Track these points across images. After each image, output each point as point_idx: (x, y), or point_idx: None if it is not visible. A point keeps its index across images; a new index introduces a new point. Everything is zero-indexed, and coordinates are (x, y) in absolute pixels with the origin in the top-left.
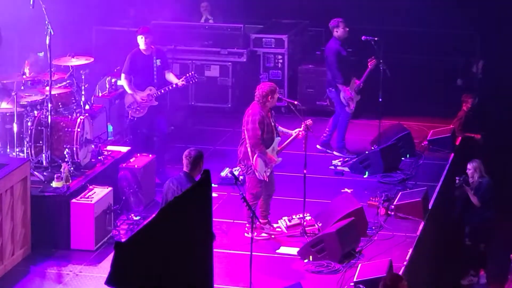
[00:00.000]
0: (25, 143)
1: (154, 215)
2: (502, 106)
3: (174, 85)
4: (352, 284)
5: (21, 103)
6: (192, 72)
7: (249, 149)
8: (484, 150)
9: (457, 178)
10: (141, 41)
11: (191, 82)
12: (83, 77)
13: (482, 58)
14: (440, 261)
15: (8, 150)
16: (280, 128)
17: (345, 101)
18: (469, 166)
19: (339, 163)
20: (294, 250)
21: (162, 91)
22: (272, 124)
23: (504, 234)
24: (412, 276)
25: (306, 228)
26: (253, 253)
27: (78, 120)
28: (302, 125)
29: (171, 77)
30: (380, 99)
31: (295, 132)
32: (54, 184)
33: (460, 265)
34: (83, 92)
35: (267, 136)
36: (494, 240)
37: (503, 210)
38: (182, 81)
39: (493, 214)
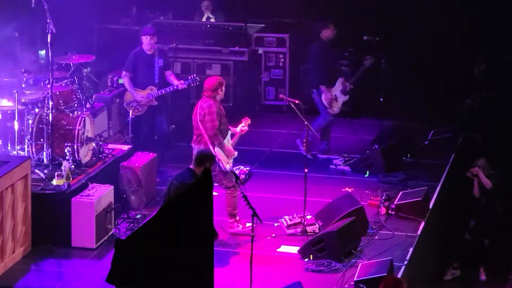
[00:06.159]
0: (26, 141)
1: (154, 214)
2: (503, 105)
3: (175, 87)
4: (353, 283)
5: (22, 100)
6: (194, 75)
7: (209, 143)
8: (484, 149)
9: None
10: (145, 41)
11: (192, 85)
12: (84, 75)
13: (483, 58)
14: (441, 260)
15: (9, 148)
16: None
17: None
18: (479, 163)
19: (340, 162)
20: (294, 249)
21: (163, 91)
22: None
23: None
24: (413, 276)
25: (306, 227)
26: (253, 252)
27: (79, 118)
28: (243, 121)
29: (171, 78)
30: (381, 99)
31: (239, 129)
32: (55, 182)
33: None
34: (84, 90)
35: (223, 128)
36: (498, 236)
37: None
38: (183, 84)
39: (503, 210)
